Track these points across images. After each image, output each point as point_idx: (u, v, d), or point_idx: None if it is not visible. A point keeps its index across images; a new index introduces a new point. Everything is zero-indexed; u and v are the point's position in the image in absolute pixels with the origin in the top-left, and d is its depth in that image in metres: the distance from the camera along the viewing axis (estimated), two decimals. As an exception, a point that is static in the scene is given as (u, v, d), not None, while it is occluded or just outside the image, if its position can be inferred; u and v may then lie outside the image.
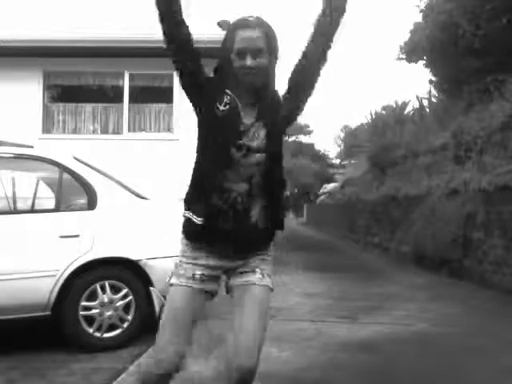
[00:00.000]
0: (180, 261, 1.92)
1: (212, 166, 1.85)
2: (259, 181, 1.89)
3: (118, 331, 3.91)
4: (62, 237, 3.80)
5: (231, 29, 1.86)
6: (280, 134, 1.95)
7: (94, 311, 3.84)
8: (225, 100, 1.85)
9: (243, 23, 1.84)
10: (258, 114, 1.88)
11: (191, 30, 1.84)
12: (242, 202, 1.87)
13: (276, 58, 1.91)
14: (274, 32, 1.89)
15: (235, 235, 1.87)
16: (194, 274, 1.87)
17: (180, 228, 1.93)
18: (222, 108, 1.85)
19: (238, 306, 1.90)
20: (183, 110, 8.38)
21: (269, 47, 1.84)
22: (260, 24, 1.85)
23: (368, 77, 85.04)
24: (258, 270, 1.93)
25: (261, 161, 1.87)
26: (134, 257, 4.00)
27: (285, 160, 2.02)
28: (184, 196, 1.96)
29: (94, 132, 8.88)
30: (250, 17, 1.87)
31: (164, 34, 1.84)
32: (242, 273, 1.93)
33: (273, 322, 3.34)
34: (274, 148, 1.90)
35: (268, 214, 1.92)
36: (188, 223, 1.88)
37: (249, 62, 1.80)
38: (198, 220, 1.85)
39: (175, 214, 4.54)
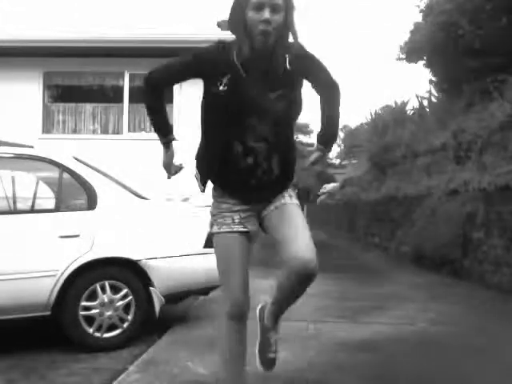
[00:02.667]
0: (216, 212, 2.13)
1: (230, 132, 2.01)
2: (274, 140, 2.04)
3: (117, 331, 3.91)
4: (61, 237, 3.80)
5: None
6: (292, 100, 2.04)
7: (93, 311, 3.84)
8: (224, 81, 1.93)
9: None
10: (271, 83, 1.97)
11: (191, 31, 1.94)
12: (263, 158, 2.04)
13: (292, 18, 1.92)
14: None
15: (261, 186, 2.08)
16: (233, 219, 2.08)
17: (211, 188, 2.17)
18: (221, 88, 1.94)
19: (280, 223, 2.07)
20: (183, 110, 8.39)
21: (286, 4, 1.88)
22: None
23: (368, 77, 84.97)
24: (284, 195, 2.13)
25: (274, 123, 2.02)
26: (134, 257, 4.00)
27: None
28: (198, 165, 2.15)
29: (94, 132, 8.88)
30: None
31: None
32: (270, 202, 2.12)
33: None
34: (286, 112, 2.03)
35: (282, 165, 2.10)
36: (219, 185, 2.13)
37: (267, 14, 1.82)
38: (227, 183, 2.10)
39: (175, 214, 4.56)
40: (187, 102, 8.32)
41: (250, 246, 2.14)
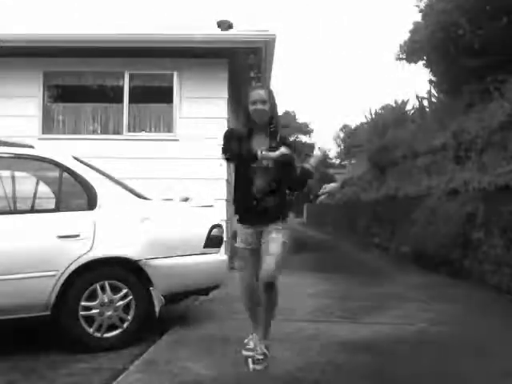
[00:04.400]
0: (239, 231, 3.42)
1: (247, 177, 3.34)
2: (273, 184, 3.32)
3: (117, 331, 3.90)
4: (61, 237, 3.80)
5: (250, 90, 3.39)
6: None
7: (93, 311, 3.84)
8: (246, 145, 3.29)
9: (255, 87, 3.51)
10: (268, 145, 3.31)
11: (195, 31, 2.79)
12: (264, 195, 3.30)
13: (275, 107, 3.39)
14: (273, 93, 3.38)
15: (261, 212, 3.31)
16: (247, 239, 3.39)
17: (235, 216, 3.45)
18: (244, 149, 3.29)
19: (264, 249, 3.33)
20: (183, 110, 8.39)
21: (269, 100, 3.31)
22: (264, 87, 3.48)
23: (368, 76, 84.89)
24: (274, 231, 3.33)
25: (272, 172, 3.30)
26: (134, 257, 4.00)
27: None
28: (234, 199, 3.48)
29: (94, 132, 8.86)
30: (260, 84, 3.60)
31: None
32: (266, 233, 3.34)
33: (273, 321, 3.35)
34: (279, 165, 3.27)
35: (277, 201, 3.35)
36: (238, 214, 3.44)
37: (259, 106, 3.29)
38: (242, 213, 3.42)
39: (175, 214, 4.56)
40: (186, 101, 8.32)
41: (258, 252, 3.37)
